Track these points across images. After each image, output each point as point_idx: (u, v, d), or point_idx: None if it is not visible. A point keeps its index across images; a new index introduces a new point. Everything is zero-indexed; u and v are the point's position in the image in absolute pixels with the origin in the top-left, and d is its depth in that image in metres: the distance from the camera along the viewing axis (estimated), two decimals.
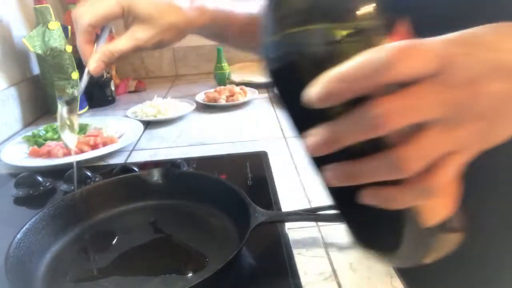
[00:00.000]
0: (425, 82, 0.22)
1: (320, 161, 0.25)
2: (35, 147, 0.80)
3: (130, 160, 0.77)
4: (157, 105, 1.01)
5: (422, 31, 0.23)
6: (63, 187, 0.65)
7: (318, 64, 0.22)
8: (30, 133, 0.88)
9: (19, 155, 0.79)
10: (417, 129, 0.22)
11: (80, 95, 0.49)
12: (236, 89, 1.11)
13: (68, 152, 0.77)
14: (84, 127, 0.93)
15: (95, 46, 0.49)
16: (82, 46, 0.48)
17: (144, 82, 1.32)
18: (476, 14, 0.27)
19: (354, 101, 0.22)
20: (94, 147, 0.79)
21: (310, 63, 0.23)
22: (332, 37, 0.23)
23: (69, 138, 0.51)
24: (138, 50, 0.49)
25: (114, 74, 1.26)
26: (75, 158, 0.74)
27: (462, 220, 0.26)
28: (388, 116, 0.21)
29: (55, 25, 1.02)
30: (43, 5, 1.01)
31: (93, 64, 0.48)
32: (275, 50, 0.25)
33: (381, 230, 0.28)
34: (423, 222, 0.24)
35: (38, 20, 1.01)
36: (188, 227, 0.51)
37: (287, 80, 0.26)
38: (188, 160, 0.69)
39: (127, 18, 0.49)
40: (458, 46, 0.23)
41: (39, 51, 1.00)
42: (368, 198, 0.25)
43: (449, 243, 0.26)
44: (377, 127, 0.21)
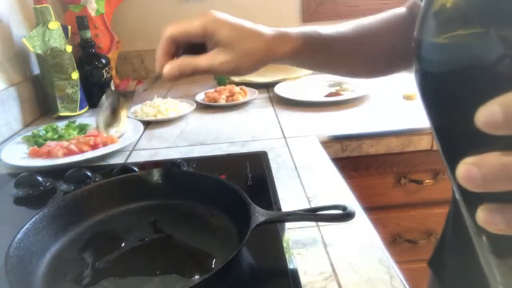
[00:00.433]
0: None
1: (474, 194, 0.19)
2: (35, 147, 0.80)
3: (130, 160, 0.77)
4: (157, 105, 1.01)
5: None
6: (63, 187, 0.65)
7: (498, 80, 0.18)
8: (30, 133, 0.88)
9: (19, 155, 0.80)
10: None
11: (143, 90, 0.49)
12: (236, 89, 1.11)
13: (68, 152, 0.77)
14: (84, 127, 0.93)
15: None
16: (159, 55, 0.50)
17: (144, 82, 1.32)
18: None
19: None
20: (94, 147, 0.79)
21: (488, 75, 0.18)
22: None
23: (113, 132, 0.51)
24: (213, 72, 0.50)
25: (114, 74, 1.26)
26: (76, 158, 0.75)
27: None
28: None
29: (55, 25, 1.02)
30: (43, 5, 1.01)
31: (169, 67, 0.49)
32: (441, 52, 0.21)
33: None
34: None
35: (38, 20, 1.01)
36: (188, 227, 0.51)
37: (447, 90, 0.21)
38: (188, 160, 0.69)
39: (210, 40, 0.50)
40: None
41: (39, 51, 1.00)
42: None
43: None
44: None
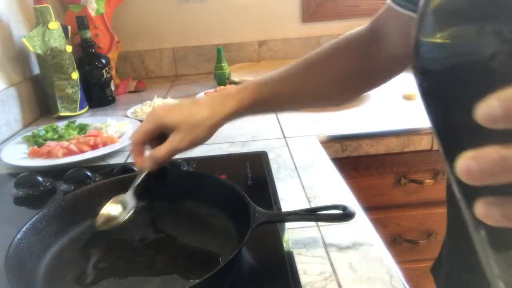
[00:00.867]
0: None
1: (472, 187, 0.19)
2: (35, 147, 0.80)
3: (130, 160, 0.77)
4: (157, 105, 1.01)
5: None
6: (63, 187, 0.65)
7: (495, 76, 0.18)
8: (30, 133, 0.88)
9: (19, 155, 0.79)
10: None
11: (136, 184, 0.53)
12: None
13: (68, 152, 0.77)
14: (84, 127, 0.93)
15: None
16: (134, 156, 0.55)
17: (144, 82, 1.32)
18: None
19: None
20: (94, 147, 0.79)
21: (485, 71, 0.18)
22: None
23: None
24: (176, 152, 0.55)
25: (114, 74, 1.26)
26: (76, 158, 0.75)
27: None
28: None
29: (55, 25, 1.02)
30: (43, 5, 1.01)
31: (149, 164, 0.54)
32: (438, 50, 0.21)
33: None
34: None
35: (38, 20, 1.01)
36: (188, 227, 0.51)
37: (447, 87, 0.21)
38: (188, 160, 0.69)
39: (166, 129, 0.55)
40: None
41: (39, 51, 1.00)
42: None
43: None
44: None
